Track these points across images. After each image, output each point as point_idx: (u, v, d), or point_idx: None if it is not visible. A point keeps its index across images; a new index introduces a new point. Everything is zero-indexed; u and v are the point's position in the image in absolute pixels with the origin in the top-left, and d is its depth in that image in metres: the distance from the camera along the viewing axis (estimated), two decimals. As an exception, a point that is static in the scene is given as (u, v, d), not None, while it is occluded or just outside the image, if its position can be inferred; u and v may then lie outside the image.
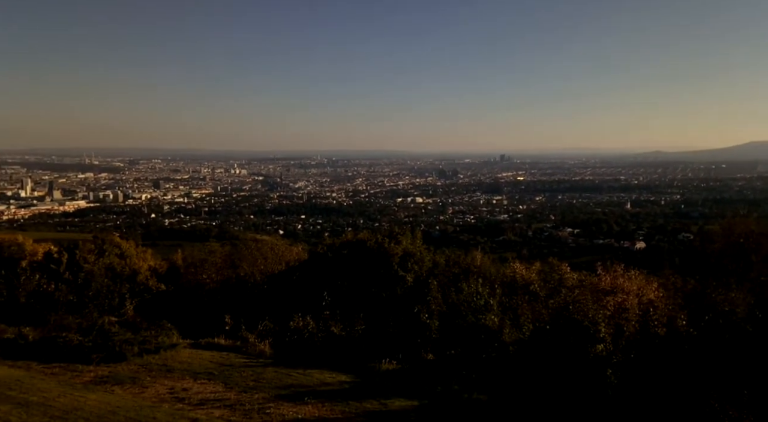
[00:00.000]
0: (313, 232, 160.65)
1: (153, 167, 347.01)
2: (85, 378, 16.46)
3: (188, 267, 29.43)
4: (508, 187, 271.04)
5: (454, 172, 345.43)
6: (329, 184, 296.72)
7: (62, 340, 19.25)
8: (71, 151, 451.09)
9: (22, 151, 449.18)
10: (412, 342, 17.93)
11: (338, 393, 14.66)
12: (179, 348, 19.19)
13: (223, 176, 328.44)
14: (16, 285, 24.64)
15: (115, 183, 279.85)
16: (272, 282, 25.52)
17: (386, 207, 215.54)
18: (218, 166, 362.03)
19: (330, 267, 24.40)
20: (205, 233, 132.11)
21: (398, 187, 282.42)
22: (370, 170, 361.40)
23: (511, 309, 18.84)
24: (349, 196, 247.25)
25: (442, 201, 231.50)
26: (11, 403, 14.09)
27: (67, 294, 24.71)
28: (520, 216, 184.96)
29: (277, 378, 16.04)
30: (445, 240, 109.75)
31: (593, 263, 22.57)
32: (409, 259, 23.29)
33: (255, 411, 13.51)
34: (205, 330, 20.87)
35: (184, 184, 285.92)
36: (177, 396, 14.66)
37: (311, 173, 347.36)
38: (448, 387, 14.62)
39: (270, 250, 28.86)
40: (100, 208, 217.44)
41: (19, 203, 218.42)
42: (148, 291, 26.96)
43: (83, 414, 13.35)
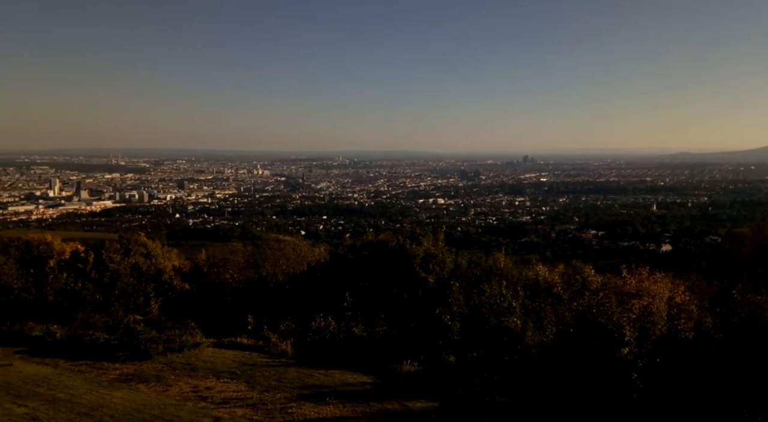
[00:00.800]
0: (335, 233, 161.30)
1: (178, 168, 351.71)
2: (111, 375, 16.73)
3: (211, 267, 29.72)
4: (531, 189, 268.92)
5: (477, 173, 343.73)
6: (351, 184, 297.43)
7: (89, 338, 19.61)
8: (98, 151, 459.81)
9: (50, 151, 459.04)
10: (433, 343, 17.86)
11: (359, 394, 14.67)
12: (202, 347, 19.40)
13: (246, 177, 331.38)
14: (44, 283, 25.12)
15: (141, 183, 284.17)
16: (294, 282, 25.65)
17: (408, 208, 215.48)
18: (241, 167, 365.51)
19: (351, 267, 24.45)
20: (228, 233, 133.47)
21: (420, 187, 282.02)
22: (391, 171, 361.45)
23: (533, 312, 18.67)
24: (370, 197, 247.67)
25: (464, 202, 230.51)
26: (39, 400, 14.38)
27: (94, 293, 25.11)
28: (543, 218, 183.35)
29: (299, 378, 16.11)
30: (467, 241, 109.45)
31: (618, 266, 22.30)
32: (431, 260, 23.23)
33: (277, 410, 13.59)
34: (228, 329, 21.07)
35: (208, 185, 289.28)
36: (200, 395, 14.82)
37: (333, 174, 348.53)
38: (470, 390, 14.53)
39: (292, 251, 29.05)
40: (126, 207, 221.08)
41: (48, 203, 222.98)
42: (173, 290, 27.28)
43: (109, 411, 13.57)
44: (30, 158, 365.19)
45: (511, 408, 13.77)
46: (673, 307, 17.09)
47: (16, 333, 21.65)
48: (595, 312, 15.13)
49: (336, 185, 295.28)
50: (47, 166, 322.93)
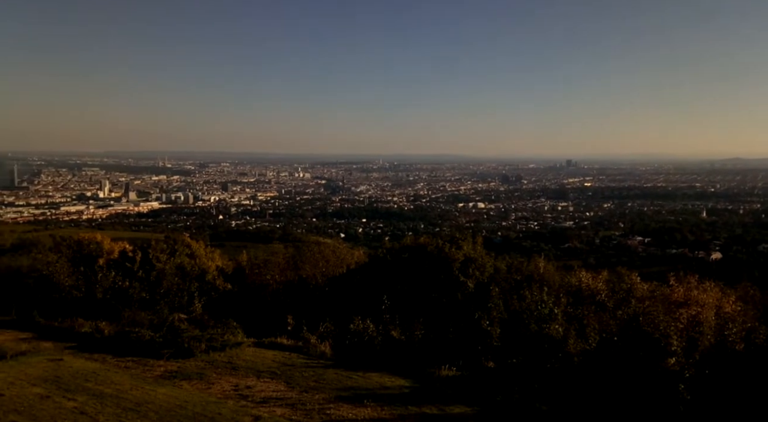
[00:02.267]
0: (374, 236, 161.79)
1: (221, 170, 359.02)
2: (156, 372, 17.16)
3: (253, 268, 30.15)
4: (575, 193, 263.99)
5: (518, 177, 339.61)
6: (390, 188, 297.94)
7: (135, 335, 20.18)
8: (146, 154, 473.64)
9: (101, 153, 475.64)
10: (472, 349, 17.70)
11: (397, 397, 14.64)
12: (244, 347, 19.72)
13: (288, 179, 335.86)
14: (93, 281, 25.95)
15: (186, 185, 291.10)
16: (333, 284, 25.80)
17: (447, 212, 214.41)
18: (283, 170, 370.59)
19: (390, 271, 24.44)
20: (269, 235, 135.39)
21: (460, 191, 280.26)
22: (431, 175, 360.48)
23: (576, 319, 18.30)
24: (410, 201, 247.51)
25: (505, 206, 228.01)
26: (87, 394, 14.88)
27: (140, 292, 25.80)
28: (587, 224, 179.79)
29: (338, 379, 16.20)
30: (507, 246, 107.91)
31: (665, 274, 21.65)
32: (470, 265, 23.01)
33: (315, 411, 13.68)
34: (268, 329, 21.34)
35: (251, 187, 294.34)
36: (241, 394, 15.06)
37: (373, 177, 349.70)
38: (509, 396, 14.32)
39: (331, 253, 29.20)
40: (171, 209, 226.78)
41: (98, 203, 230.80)
42: (215, 290, 27.78)
43: (153, 407, 13.93)
44: (82, 160, 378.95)
45: (551, 417, 13.50)
46: (723, 317, 16.49)
47: (66, 329, 22.47)
48: (641, 321, 14.74)
49: (376, 188, 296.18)
50: (98, 168, 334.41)
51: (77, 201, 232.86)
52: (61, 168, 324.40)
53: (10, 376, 16.18)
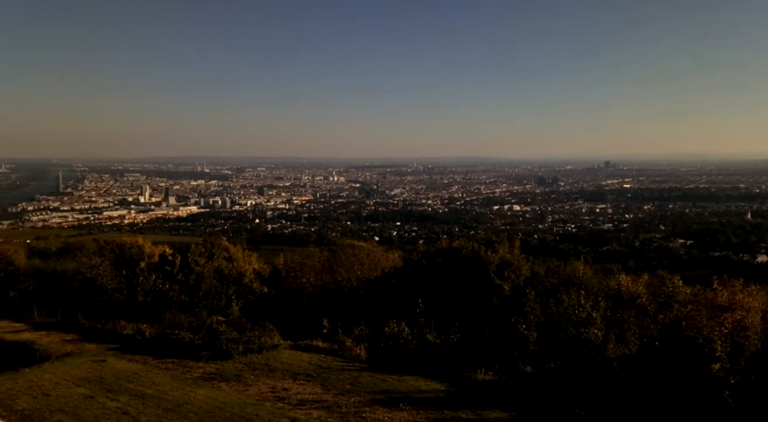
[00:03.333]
0: (408, 239, 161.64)
1: (258, 175, 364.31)
2: (195, 373, 17.49)
3: (289, 271, 30.44)
4: (613, 195, 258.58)
5: (555, 179, 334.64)
6: (425, 191, 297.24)
7: (175, 337, 20.61)
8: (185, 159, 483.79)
9: (142, 159, 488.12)
10: (508, 353, 17.49)
11: (433, 401, 14.58)
12: (280, 349, 19.92)
13: (322, 183, 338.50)
14: (135, 284, 26.62)
15: (224, 190, 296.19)
16: (368, 287, 25.86)
17: (482, 214, 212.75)
18: (318, 174, 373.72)
19: (424, 274, 24.37)
20: (304, 238, 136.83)
21: (495, 194, 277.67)
22: (466, 177, 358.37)
23: (615, 324, 17.90)
24: (444, 204, 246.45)
25: (541, 209, 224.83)
26: (129, 395, 15.26)
27: (180, 294, 26.34)
28: (626, 226, 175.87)
29: (373, 382, 16.21)
30: (544, 249, 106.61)
31: (708, 277, 20.95)
32: (506, 268, 22.78)
33: (351, 414, 13.73)
34: (304, 332, 21.51)
35: (286, 191, 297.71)
36: (278, 396, 15.22)
37: (407, 180, 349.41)
38: (547, 402, 14.11)
39: (366, 256, 29.26)
40: (209, 213, 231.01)
41: (139, 208, 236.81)
42: (252, 293, 28.16)
43: (193, 408, 14.19)
44: (124, 166, 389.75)
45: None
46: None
47: (109, 331, 23.10)
48: (684, 325, 14.35)
49: (410, 191, 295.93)
50: (139, 173, 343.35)
51: (119, 206, 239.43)
52: (104, 174, 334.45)
53: (56, 377, 16.72)
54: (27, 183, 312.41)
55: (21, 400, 14.63)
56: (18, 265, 35.04)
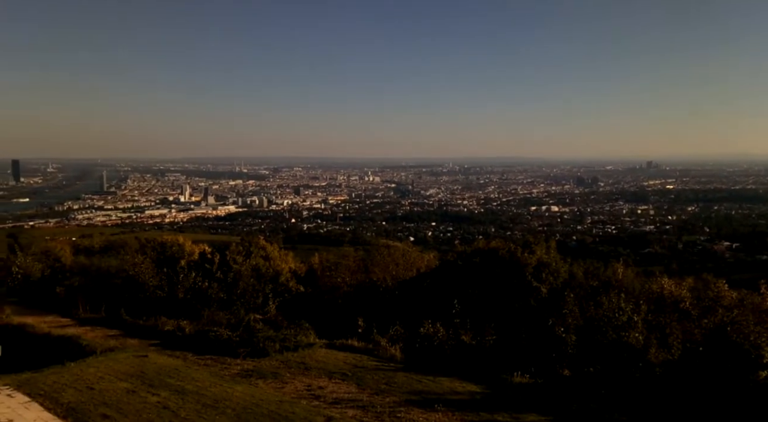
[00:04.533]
0: (443, 240, 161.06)
1: (294, 175, 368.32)
2: (233, 370, 17.77)
3: (324, 271, 30.67)
4: (656, 196, 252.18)
5: (594, 179, 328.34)
6: (460, 191, 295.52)
7: (213, 334, 21.00)
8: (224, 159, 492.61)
9: (182, 159, 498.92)
10: (545, 356, 17.23)
11: (468, 403, 14.46)
12: (316, 348, 20.08)
13: (358, 183, 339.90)
14: (175, 282, 27.21)
15: (261, 189, 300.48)
16: (403, 287, 25.84)
17: (519, 215, 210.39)
18: (353, 174, 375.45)
19: (460, 275, 24.21)
20: (339, 238, 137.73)
21: (532, 194, 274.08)
22: (502, 177, 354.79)
23: (657, 328, 17.47)
24: (480, 204, 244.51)
25: (580, 210, 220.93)
26: (170, 390, 15.60)
27: (218, 292, 26.82)
28: (669, 228, 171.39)
29: (408, 383, 16.18)
30: (583, 251, 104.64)
31: (755, 281, 20.26)
32: (544, 270, 22.43)
33: (386, 413, 13.72)
34: (339, 331, 21.63)
35: (322, 191, 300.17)
36: (314, 394, 15.33)
37: (443, 180, 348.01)
38: (585, 406, 13.83)
39: (401, 256, 29.24)
40: (247, 212, 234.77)
41: (179, 207, 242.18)
42: (288, 291, 28.47)
43: (231, 404, 14.42)
44: (165, 166, 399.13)
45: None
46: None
47: (150, 327, 23.69)
48: (729, 331, 13.89)
49: (445, 192, 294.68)
50: (179, 173, 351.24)
51: (160, 205, 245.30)
52: (146, 173, 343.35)
53: (99, 371, 17.22)
54: (73, 182, 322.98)
55: (67, 393, 15.11)
56: (64, 262, 36.31)
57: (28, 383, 15.88)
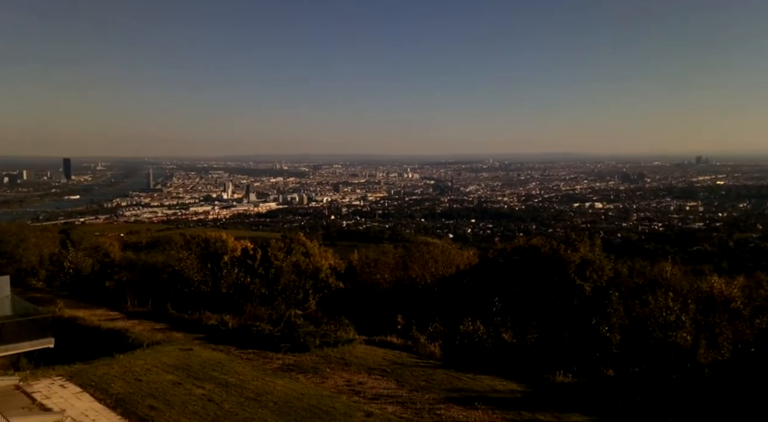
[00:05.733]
0: (483, 237, 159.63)
1: (334, 172, 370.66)
2: (274, 364, 18.05)
3: (363, 267, 30.79)
4: (705, 192, 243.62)
5: (640, 175, 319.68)
6: (501, 187, 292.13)
7: (256, 329, 21.37)
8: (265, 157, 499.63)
9: (225, 157, 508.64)
10: (589, 355, 16.90)
11: (509, 402, 14.32)
12: (355, 344, 20.22)
13: (397, 180, 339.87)
14: (219, 277, 27.78)
15: (301, 186, 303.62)
16: (442, 285, 25.72)
17: (561, 212, 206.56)
18: (392, 171, 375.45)
19: (501, 272, 23.95)
20: (378, 235, 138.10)
21: (575, 191, 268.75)
22: (544, 174, 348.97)
23: (706, 328, 16.91)
24: (521, 201, 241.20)
25: (625, 206, 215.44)
26: (214, 383, 15.96)
27: (260, 287, 27.25)
28: (719, 225, 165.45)
29: (447, 380, 16.13)
30: (628, 248, 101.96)
31: (812, 280, 19.40)
32: (587, 267, 21.97)
33: (426, 410, 13.71)
34: (378, 327, 21.71)
35: (361, 188, 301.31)
36: (353, 389, 15.44)
37: (482, 177, 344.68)
38: (631, 407, 13.51)
39: (440, 253, 29.09)
40: (287, 209, 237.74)
41: (222, 204, 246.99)
42: (328, 288, 28.70)
43: (272, 397, 14.66)
44: (208, 163, 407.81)
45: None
46: None
47: (195, 322, 24.27)
48: (784, 332, 13.33)
49: (485, 188, 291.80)
50: (222, 171, 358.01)
51: (204, 202, 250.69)
52: (190, 171, 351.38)
53: (147, 363, 17.74)
54: (121, 180, 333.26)
55: (116, 384, 15.63)
56: (113, 257, 37.52)
57: (79, 374, 16.50)
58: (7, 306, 15.75)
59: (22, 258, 38.04)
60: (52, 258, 38.09)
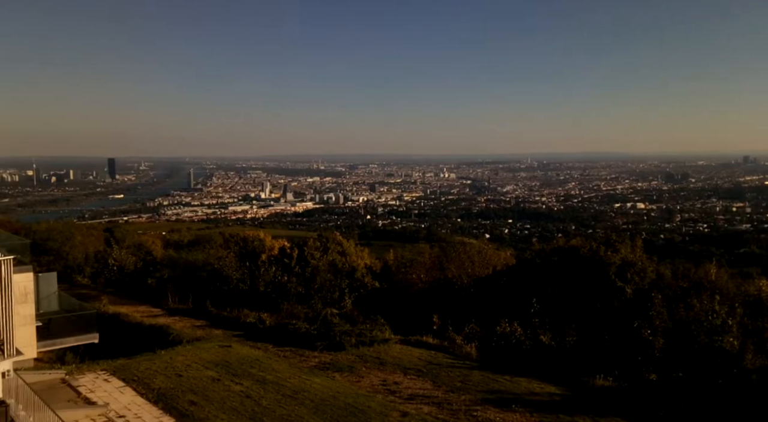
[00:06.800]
0: (520, 237, 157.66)
1: (370, 172, 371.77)
2: (311, 362, 18.21)
3: (399, 267, 30.78)
4: (753, 193, 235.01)
5: (684, 175, 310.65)
6: (539, 188, 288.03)
7: (292, 327, 21.61)
8: (302, 157, 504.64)
9: (263, 157, 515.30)
10: (630, 359, 16.51)
11: (547, 405, 14.10)
12: (391, 343, 20.23)
13: (433, 180, 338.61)
14: (256, 275, 28.18)
15: (337, 186, 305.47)
16: (478, 285, 25.50)
17: (601, 212, 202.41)
18: (428, 170, 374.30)
19: (539, 273, 23.60)
20: (414, 234, 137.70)
21: (616, 191, 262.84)
22: (584, 173, 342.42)
23: (754, 332, 16.33)
24: (559, 201, 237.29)
25: (668, 207, 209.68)
26: (252, 379, 16.20)
27: (297, 286, 27.54)
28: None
29: (484, 381, 15.99)
30: (671, 250, 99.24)
31: None
32: (629, 269, 21.46)
33: (462, 412, 13.62)
34: (413, 327, 21.67)
35: (397, 188, 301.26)
36: (389, 389, 15.45)
37: (520, 177, 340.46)
38: (674, 413, 13.13)
39: (477, 254, 28.86)
40: (323, 208, 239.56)
41: (260, 203, 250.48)
42: (364, 287, 28.78)
43: (309, 395, 14.78)
44: (247, 163, 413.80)
45: (724, 440, 12.16)
46: None
47: (233, 319, 24.68)
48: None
49: (523, 188, 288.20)
50: (260, 171, 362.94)
51: (242, 201, 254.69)
52: (230, 171, 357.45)
53: (187, 359, 18.12)
54: (163, 180, 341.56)
55: (157, 379, 16.01)
56: (155, 255, 38.45)
57: (122, 369, 16.96)
58: (54, 302, 16.29)
59: (69, 255, 39.32)
60: (97, 255, 39.27)
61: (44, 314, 15.36)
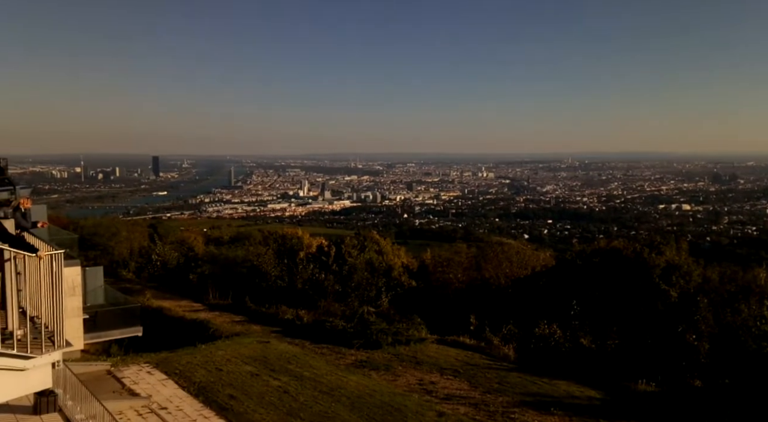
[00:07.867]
0: (560, 238, 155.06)
1: (407, 170, 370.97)
2: (348, 360, 18.31)
3: (436, 266, 30.65)
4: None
5: (733, 176, 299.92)
6: (580, 188, 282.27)
7: (329, 324, 21.78)
8: (340, 155, 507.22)
9: (301, 155, 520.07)
10: (674, 364, 16.06)
11: (587, 409, 13.83)
12: (427, 343, 20.19)
13: (471, 179, 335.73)
14: (294, 272, 28.50)
15: (375, 185, 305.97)
16: (516, 286, 25.20)
17: (645, 214, 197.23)
18: (466, 170, 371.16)
19: (579, 275, 23.17)
20: (451, 234, 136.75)
21: (660, 192, 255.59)
22: (627, 174, 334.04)
23: (807, 340, 15.65)
24: (601, 202, 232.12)
25: (716, 209, 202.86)
26: (289, 375, 16.39)
27: (334, 284, 27.73)
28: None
29: (522, 383, 15.79)
30: (718, 253, 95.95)
31: None
32: (673, 272, 20.86)
33: (499, 413, 13.49)
34: (450, 327, 21.55)
35: (434, 187, 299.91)
36: (425, 388, 15.42)
37: (561, 176, 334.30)
38: (719, 420, 12.71)
39: (515, 254, 28.52)
40: (361, 207, 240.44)
41: (298, 201, 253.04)
42: (401, 286, 28.77)
43: (345, 392, 14.87)
44: (286, 162, 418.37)
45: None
46: None
47: (271, 315, 25.03)
48: None
49: (563, 188, 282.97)
50: (299, 169, 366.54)
51: (281, 199, 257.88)
52: (269, 169, 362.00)
53: (227, 354, 18.45)
54: (205, 177, 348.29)
55: (198, 373, 16.36)
56: (197, 251, 39.28)
57: (165, 362, 17.38)
58: (100, 296, 16.76)
59: (114, 250, 40.48)
60: (141, 251, 40.36)
61: (91, 307, 15.81)
